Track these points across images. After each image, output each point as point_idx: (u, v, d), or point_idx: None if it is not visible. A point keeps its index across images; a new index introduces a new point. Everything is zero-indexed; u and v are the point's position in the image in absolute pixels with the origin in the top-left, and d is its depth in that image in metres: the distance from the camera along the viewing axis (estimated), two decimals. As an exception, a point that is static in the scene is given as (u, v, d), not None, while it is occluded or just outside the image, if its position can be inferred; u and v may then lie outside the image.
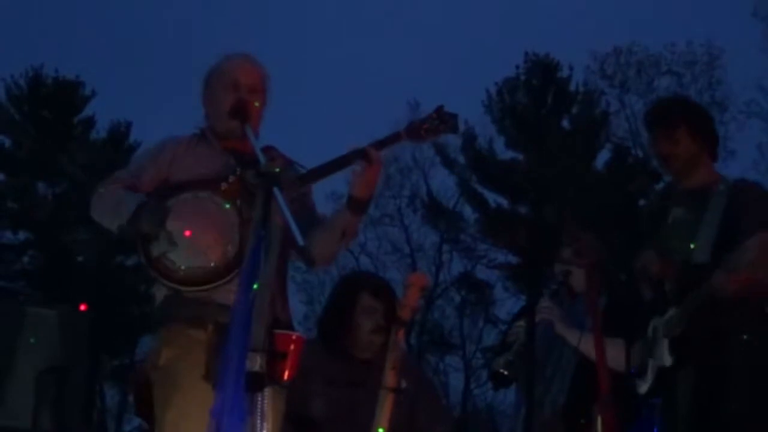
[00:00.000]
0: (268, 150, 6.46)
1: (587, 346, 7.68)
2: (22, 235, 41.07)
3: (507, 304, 39.94)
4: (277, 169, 6.03)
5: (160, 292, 6.56)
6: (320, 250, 6.63)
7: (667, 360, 7.35)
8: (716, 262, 7.15)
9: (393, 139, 6.71)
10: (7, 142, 40.73)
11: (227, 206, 6.46)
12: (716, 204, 7.38)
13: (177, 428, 6.41)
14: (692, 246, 7.38)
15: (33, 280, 36.42)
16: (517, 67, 41.42)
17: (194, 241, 6.42)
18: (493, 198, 41.38)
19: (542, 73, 41.34)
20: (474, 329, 40.71)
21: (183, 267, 6.39)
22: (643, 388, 7.48)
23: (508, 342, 8.03)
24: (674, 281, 7.43)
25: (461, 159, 40.99)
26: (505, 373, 7.88)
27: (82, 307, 7.78)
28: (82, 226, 36.88)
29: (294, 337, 6.08)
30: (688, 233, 7.46)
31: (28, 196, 40.46)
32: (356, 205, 6.61)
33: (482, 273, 41.18)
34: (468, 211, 41.74)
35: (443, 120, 6.73)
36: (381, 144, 6.63)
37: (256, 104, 6.73)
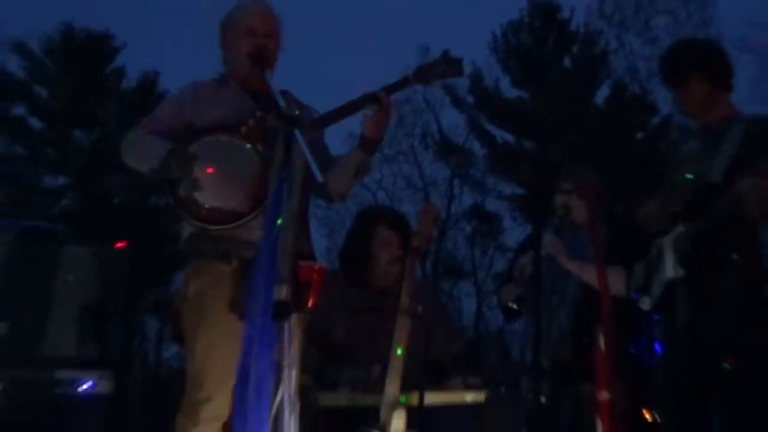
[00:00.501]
0: (284, 94, 6.33)
1: (589, 275, 7.75)
2: (61, 180, 41.11)
3: (515, 233, 40.10)
4: (297, 112, 6.00)
5: (186, 230, 6.66)
6: (335, 186, 6.78)
7: (678, 271, 7.41)
8: (729, 184, 7.13)
9: (402, 83, 6.76)
10: (44, 93, 40.63)
11: (248, 148, 6.52)
12: (733, 135, 7.38)
13: (207, 357, 6.54)
14: (688, 176, 7.45)
15: (72, 222, 36.36)
16: (521, 9, 41.55)
17: (218, 182, 6.47)
18: (500, 135, 41.38)
19: (544, 14, 41.35)
20: (484, 257, 40.79)
21: (207, 206, 6.45)
22: (647, 304, 7.54)
23: (514, 274, 8.19)
24: (682, 201, 7.46)
25: (470, 99, 40.96)
26: (515, 307, 8.11)
27: (119, 245, 7.80)
28: (117, 170, 36.82)
29: (317, 268, 6.05)
30: (703, 165, 7.47)
31: (65, 143, 40.44)
32: (368, 145, 6.73)
33: (491, 205, 41.32)
34: (477, 147, 41.79)
35: (449, 64, 6.82)
36: (391, 88, 6.68)
37: (272, 47, 6.77)
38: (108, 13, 56.76)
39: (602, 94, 40.49)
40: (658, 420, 7.51)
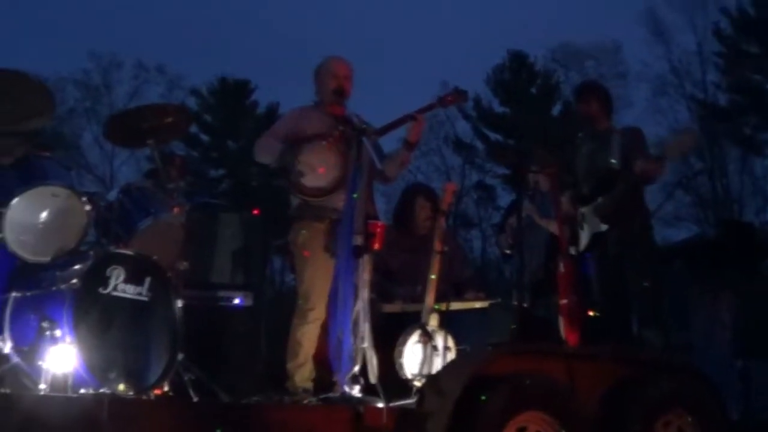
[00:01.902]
0: (356, 115, 6.62)
1: (552, 226, 7.87)
2: (220, 172, 41.26)
3: (504, 197, 40.13)
4: (364, 126, 6.42)
5: (294, 201, 6.87)
6: (388, 172, 6.99)
7: (602, 227, 7.71)
8: (624, 168, 7.67)
9: (429, 107, 6.97)
10: (209, 119, 40.78)
11: (333, 150, 6.68)
12: (615, 139, 7.81)
13: (311, 281, 6.71)
14: (613, 161, 7.74)
15: (227, 198, 36.55)
16: (503, 57, 41.43)
17: (316, 171, 6.67)
18: (493, 135, 41.27)
19: (518, 60, 41.27)
20: (485, 213, 40.76)
21: (308, 186, 6.66)
22: (574, 250, 7.71)
23: (506, 229, 8.42)
24: (598, 181, 7.84)
25: (473, 113, 40.75)
26: (509, 252, 8.44)
27: (255, 212, 7.83)
28: (254, 165, 37.11)
29: (380, 224, 6.16)
30: (602, 156, 7.85)
31: (223, 149, 40.60)
32: (409, 146, 7.00)
33: (489, 180, 41.21)
34: (479, 144, 41.69)
35: (459, 94, 6.98)
36: (422, 110, 6.91)
37: (348, 86, 6.98)
38: (248, 66, 56.80)
39: (557, 109, 40.10)
40: (597, 315, 7.43)
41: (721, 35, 38.08)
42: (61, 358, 5.23)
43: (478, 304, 7.33)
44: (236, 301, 7.30)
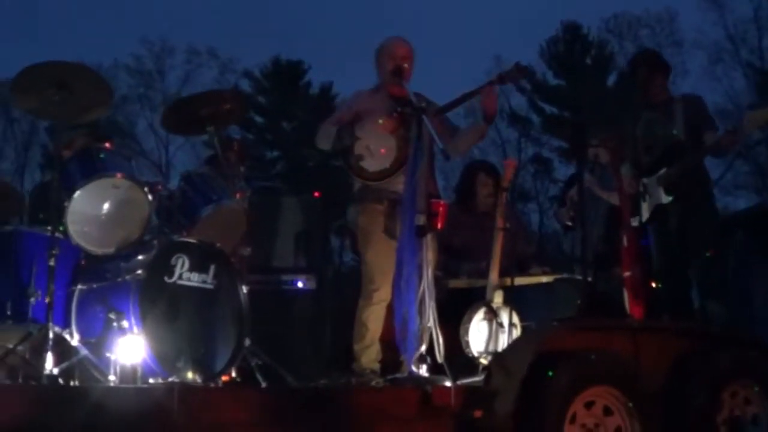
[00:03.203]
0: (417, 95, 6.54)
1: (613, 198, 7.72)
2: (275, 153, 41.37)
3: (561, 170, 39.99)
4: (424, 105, 6.36)
5: (356, 184, 6.80)
6: (462, 145, 6.94)
7: (665, 199, 7.61)
8: (690, 139, 7.59)
9: (490, 84, 6.77)
10: (263, 101, 40.84)
11: (391, 132, 6.58)
12: (677, 109, 7.69)
13: (374, 262, 6.66)
14: (675, 132, 7.65)
15: (283, 179, 36.68)
16: (556, 29, 41.22)
17: (375, 154, 6.59)
18: (548, 108, 41.14)
19: (572, 31, 41.03)
20: (542, 187, 40.62)
21: (367, 169, 6.59)
22: (636, 221, 7.63)
23: (566, 201, 8.36)
24: (659, 152, 7.74)
25: (528, 86, 40.51)
26: (570, 224, 8.31)
27: (316, 194, 7.83)
28: (311, 146, 37.15)
29: (442, 203, 6.12)
30: (664, 126, 7.72)
31: (277, 130, 40.67)
32: (487, 119, 6.87)
33: (545, 153, 41.13)
34: (534, 117, 41.48)
35: (520, 70, 6.83)
36: (483, 87, 6.75)
37: (407, 66, 6.81)
38: (301, 47, 56.77)
39: (611, 79, 39.83)
40: (659, 287, 7.35)
41: (778, 0, 37.56)
42: (130, 349, 5.24)
43: (543, 279, 7.29)
44: (299, 284, 7.31)
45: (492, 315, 6.78)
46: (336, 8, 58.62)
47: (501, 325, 6.73)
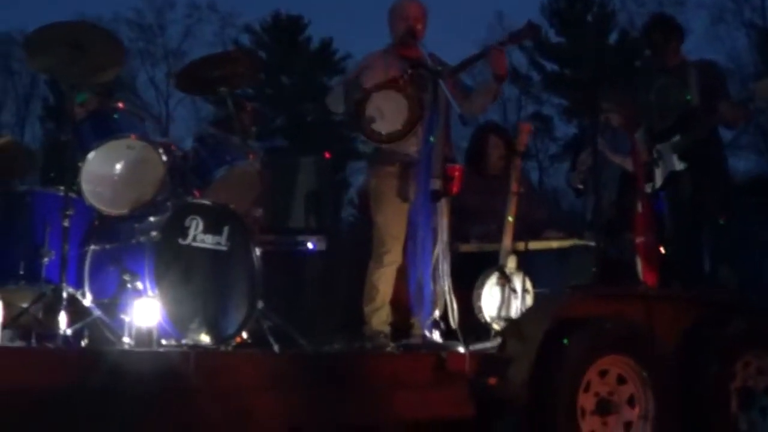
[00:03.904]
0: (431, 55, 6.49)
1: (626, 163, 7.69)
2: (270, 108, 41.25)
3: (560, 127, 40.07)
4: (440, 68, 6.28)
5: (366, 147, 6.91)
6: (476, 107, 6.84)
7: (678, 165, 7.60)
8: (704, 106, 7.52)
9: (501, 44, 6.71)
10: (263, 55, 40.61)
11: (403, 94, 6.38)
12: (691, 74, 7.64)
13: (385, 224, 6.62)
14: (688, 97, 7.62)
15: (282, 134, 36.66)
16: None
17: (386, 116, 6.41)
18: (549, 65, 41.05)
19: (574, -14, 40.99)
20: (542, 144, 40.57)
21: (378, 131, 6.41)
22: (650, 187, 7.59)
23: (577, 166, 8.18)
24: (673, 118, 7.69)
25: (528, 43, 40.34)
26: (581, 187, 8.11)
27: (327, 155, 7.80)
28: (308, 100, 37.23)
29: (458, 167, 6.09)
30: (678, 91, 7.66)
31: (277, 85, 40.51)
32: (498, 78, 6.73)
33: (546, 110, 41.11)
34: (534, 75, 41.36)
35: (531, 29, 6.82)
36: (494, 46, 6.70)
37: (419, 27, 6.74)
38: (301, 1, 56.35)
39: (612, 38, 39.70)
40: (669, 253, 7.32)
41: (782, -41, 37.39)
42: (145, 311, 5.21)
43: (555, 244, 7.22)
44: (310, 245, 7.26)
45: (505, 280, 6.75)
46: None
47: (514, 290, 6.70)
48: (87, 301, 5.58)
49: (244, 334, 5.84)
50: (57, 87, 32.45)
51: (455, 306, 5.94)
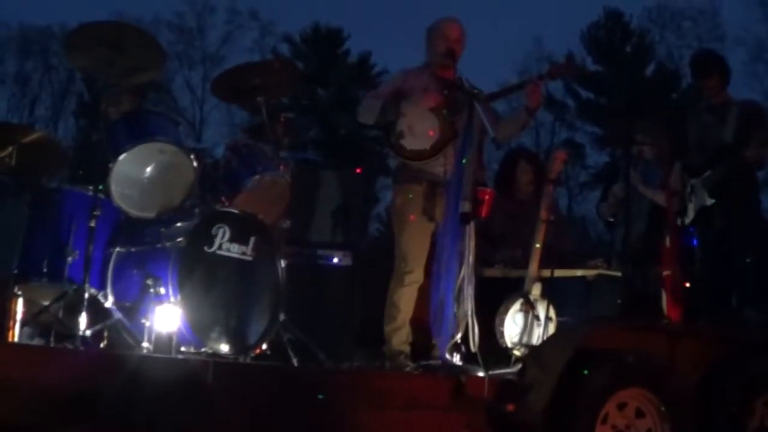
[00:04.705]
0: (465, 80, 6.43)
1: (657, 196, 7.76)
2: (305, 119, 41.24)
3: (592, 156, 39.95)
4: (476, 90, 6.21)
5: (394, 162, 6.69)
6: (506, 134, 6.78)
7: (708, 201, 7.61)
8: (737, 144, 7.53)
9: (540, 78, 6.82)
10: (301, 66, 40.60)
11: (437, 113, 6.44)
12: (732, 113, 7.65)
13: (408, 243, 6.55)
14: (725, 135, 7.65)
15: (315, 146, 36.68)
16: (599, 15, 40.89)
17: (417, 134, 6.44)
18: (584, 94, 40.93)
19: (613, 18, 40.77)
20: (573, 171, 40.39)
21: (409, 148, 6.44)
22: (685, 220, 7.62)
23: (608, 198, 8.29)
24: (709, 155, 7.70)
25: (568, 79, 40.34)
26: (612, 219, 8.26)
27: (358, 170, 7.80)
28: (344, 112, 37.23)
29: (488, 191, 6.10)
30: (717, 129, 7.68)
31: (312, 96, 40.52)
32: (530, 111, 6.73)
33: (579, 138, 40.95)
34: (570, 102, 41.22)
35: (570, 66, 7.06)
36: (531, 80, 6.77)
37: (458, 48, 6.72)
38: (341, 13, 56.53)
39: (650, 69, 39.57)
40: (693, 288, 7.27)
41: (822, -1, 37.25)
42: (166, 316, 5.19)
43: (580, 273, 7.18)
44: (335, 260, 7.22)
45: (529, 307, 6.71)
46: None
47: (537, 317, 6.66)
48: (108, 303, 5.59)
49: (264, 346, 5.82)
50: (93, 84, 32.53)
51: (477, 330, 5.89)
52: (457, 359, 5.80)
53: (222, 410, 4.61)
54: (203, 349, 5.41)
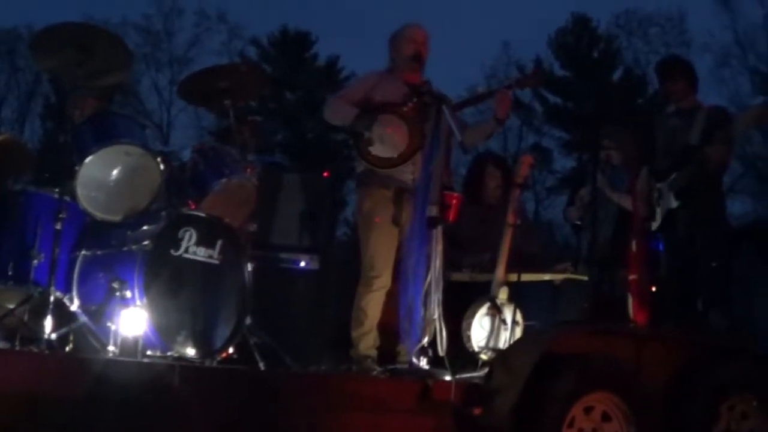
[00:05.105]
0: (429, 84, 6.58)
1: (624, 201, 7.81)
2: (273, 123, 41.14)
3: (559, 160, 40.06)
4: (445, 94, 6.32)
5: (359, 166, 6.68)
6: (471, 141, 6.78)
7: (674, 203, 7.63)
8: (703, 146, 7.54)
9: (508, 87, 6.83)
10: (269, 69, 40.56)
11: (406, 120, 6.48)
12: (699, 117, 7.66)
13: (375, 249, 6.54)
14: (690, 138, 7.66)
15: (282, 149, 36.59)
16: (566, 19, 40.93)
17: (387, 141, 6.47)
18: (552, 98, 40.98)
19: (581, 23, 40.86)
20: (540, 176, 40.44)
21: (378, 155, 6.47)
22: (654, 226, 7.69)
23: (576, 201, 8.29)
24: (675, 158, 7.70)
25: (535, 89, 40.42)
26: (579, 223, 8.25)
27: (325, 174, 7.79)
28: (311, 115, 37.16)
29: (455, 195, 6.10)
30: (684, 132, 7.69)
31: (280, 99, 40.41)
32: (498, 121, 6.75)
33: (546, 142, 41.01)
34: (537, 106, 41.26)
35: (538, 76, 6.92)
36: (507, 87, 6.81)
37: (424, 52, 6.77)
38: (310, 17, 56.39)
39: (617, 74, 39.76)
40: (659, 292, 7.36)
41: (789, 7, 37.48)
42: (132, 320, 5.17)
43: (547, 277, 7.20)
44: (302, 263, 7.21)
45: (496, 311, 6.72)
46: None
47: (504, 322, 6.69)
48: (74, 306, 5.54)
49: (231, 350, 5.79)
50: (60, 86, 32.36)
51: (444, 334, 5.91)
52: (424, 363, 5.80)
53: (188, 414, 4.60)
54: (169, 353, 5.38)
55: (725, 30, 39.01)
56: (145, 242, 5.54)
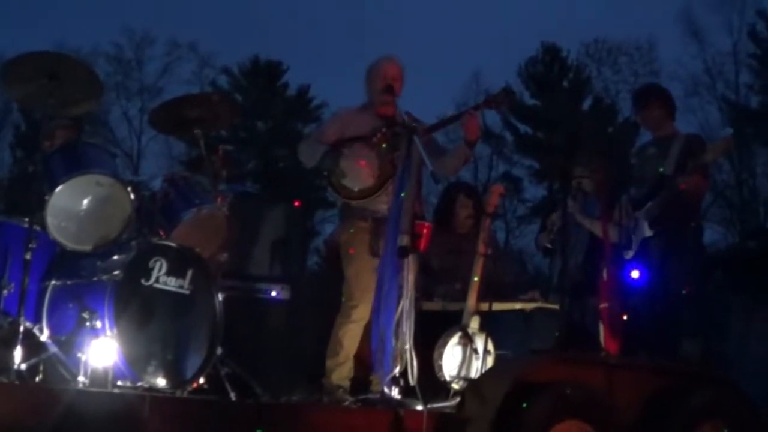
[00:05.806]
0: (407, 114, 6.56)
1: (595, 227, 7.83)
2: (245, 153, 41.18)
3: (530, 189, 40.16)
4: (415, 124, 6.32)
5: (338, 201, 6.91)
6: (448, 168, 6.94)
7: (648, 232, 7.69)
8: (676, 175, 7.58)
9: (476, 107, 6.94)
10: (239, 98, 40.56)
11: (375, 151, 6.64)
12: (676, 145, 7.71)
13: (354, 279, 6.61)
14: (661, 169, 7.70)
15: (253, 178, 36.58)
16: (537, 49, 41.14)
17: (357, 173, 6.62)
18: (522, 127, 41.10)
19: (551, 53, 41.03)
20: (511, 205, 40.51)
21: (350, 188, 6.64)
22: (629, 254, 7.75)
23: (547, 226, 8.26)
24: (650, 186, 7.77)
25: (504, 111, 40.49)
26: (550, 246, 8.24)
27: (297, 204, 7.79)
28: (281, 145, 37.16)
29: (426, 225, 6.07)
30: (659, 161, 7.76)
31: (251, 129, 40.41)
32: (469, 144, 6.82)
33: (516, 171, 41.11)
34: (508, 135, 41.40)
35: (507, 95, 7.06)
36: (475, 108, 6.91)
37: (397, 85, 6.82)
38: (280, 47, 56.50)
39: (587, 103, 39.98)
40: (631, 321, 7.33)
41: (756, 37, 37.79)
42: (102, 350, 5.14)
43: (519, 306, 7.21)
44: (273, 293, 7.21)
45: (467, 340, 6.72)
46: (318, 12, 58.51)
47: (476, 351, 6.68)
48: (44, 336, 5.50)
49: (201, 380, 5.77)
50: (30, 115, 32.25)
51: (416, 363, 5.90)
52: (395, 393, 5.78)
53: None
54: (139, 384, 5.35)
55: (694, 59, 39.31)
56: (116, 272, 5.52)
